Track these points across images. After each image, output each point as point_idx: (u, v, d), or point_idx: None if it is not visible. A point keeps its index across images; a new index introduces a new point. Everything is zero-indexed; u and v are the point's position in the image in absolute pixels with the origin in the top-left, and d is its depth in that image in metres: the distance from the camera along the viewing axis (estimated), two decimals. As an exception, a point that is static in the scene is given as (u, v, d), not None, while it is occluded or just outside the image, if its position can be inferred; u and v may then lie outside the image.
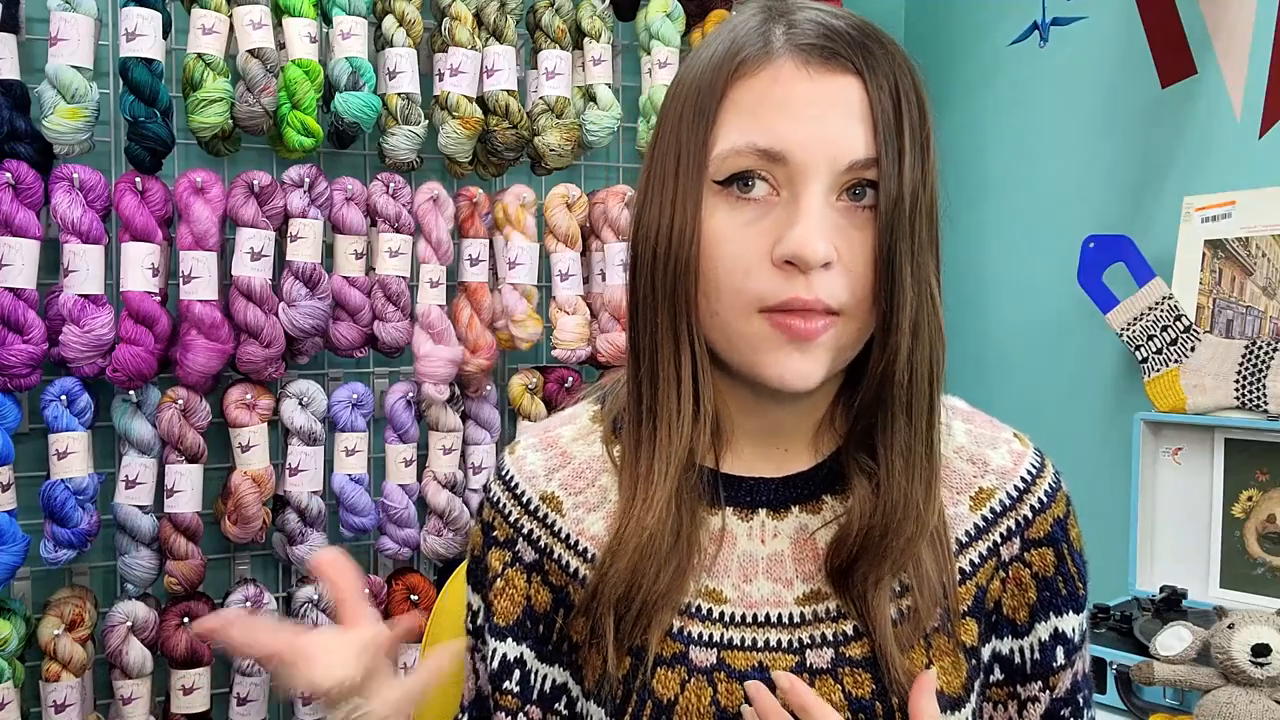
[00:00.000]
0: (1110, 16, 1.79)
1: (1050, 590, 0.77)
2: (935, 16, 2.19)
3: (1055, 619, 0.77)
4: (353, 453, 1.72)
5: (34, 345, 1.49)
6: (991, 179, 2.06)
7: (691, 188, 0.69)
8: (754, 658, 0.74)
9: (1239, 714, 1.15)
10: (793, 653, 0.74)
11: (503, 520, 0.81)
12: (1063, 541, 0.78)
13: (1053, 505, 0.78)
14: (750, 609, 0.75)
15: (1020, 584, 0.77)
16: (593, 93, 1.83)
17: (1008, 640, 0.78)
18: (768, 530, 0.76)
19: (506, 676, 0.79)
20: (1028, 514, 0.77)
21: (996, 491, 0.77)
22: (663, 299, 0.70)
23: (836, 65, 0.67)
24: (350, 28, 1.65)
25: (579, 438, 0.82)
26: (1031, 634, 0.77)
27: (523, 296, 1.80)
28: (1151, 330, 1.62)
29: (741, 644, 0.75)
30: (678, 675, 0.74)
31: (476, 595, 0.82)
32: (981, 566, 0.76)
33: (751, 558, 0.76)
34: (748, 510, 0.77)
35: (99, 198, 1.55)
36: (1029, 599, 0.77)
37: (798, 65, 0.67)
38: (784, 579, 0.75)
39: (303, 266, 1.65)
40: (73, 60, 1.49)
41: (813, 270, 0.66)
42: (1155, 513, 1.62)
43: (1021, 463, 0.79)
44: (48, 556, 1.52)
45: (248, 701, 1.68)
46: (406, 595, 1.76)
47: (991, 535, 0.76)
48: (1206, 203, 1.60)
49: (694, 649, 0.75)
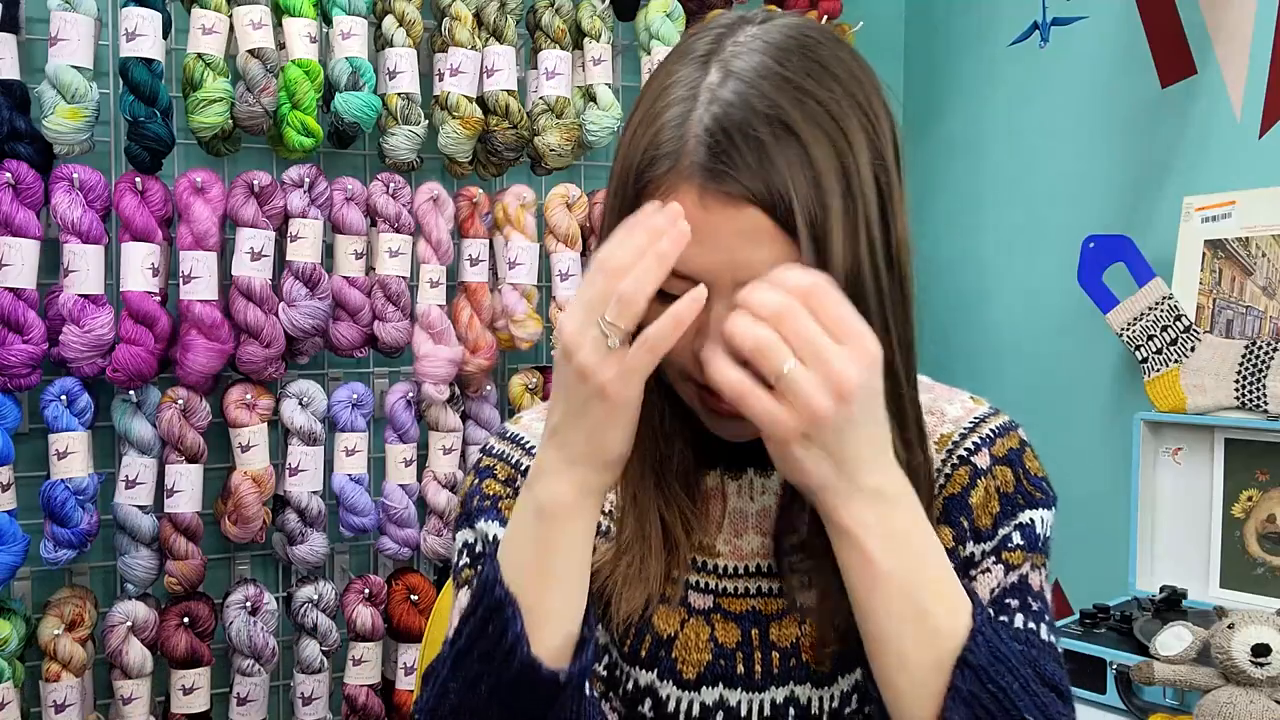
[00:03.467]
0: (1110, 16, 1.79)
1: (1010, 502, 0.79)
2: (935, 16, 2.19)
3: (1019, 516, 0.78)
4: (353, 453, 1.72)
5: (34, 345, 1.49)
6: (991, 179, 2.06)
7: None
8: (748, 603, 0.80)
9: (1239, 714, 1.15)
10: (783, 596, 0.79)
11: (503, 464, 0.85)
12: (1019, 465, 0.79)
13: (1006, 437, 0.80)
14: (742, 561, 0.81)
15: (986, 496, 0.79)
16: (593, 93, 1.83)
17: (970, 545, 0.78)
18: (755, 487, 0.81)
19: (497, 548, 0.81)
20: (988, 434, 0.80)
21: (954, 433, 0.81)
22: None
23: (735, 197, 0.65)
24: (350, 28, 1.65)
25: None
26: (995, 538, 0.78)
27: (523, 296, 1.80)
28: (1151, 330, 1.62)
29: (735, 592, 0.80)
30: (677, 615, 0.80)
31: (473, 530, 0.83)
32: (953, 475, 0.79)
33: (742, 514, 0.81)
34: (736, 470, 0.81)
35: (99, 198, 1.55)
36: (992, 509, 0.78)
37: (699, 195, 0.65)
38: (773, 531, 0.80)
39: (303, 266, 1.65)
40: (73, 60, 1.49)
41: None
42: (1155, 513, 1.62)
43: (976, 410, 0.82)
44: (48, 556, 1.52)
45: (248, 701, 1.68)
46: (406, 595, 1.76)
47: (956, 453, 0.79)
48: (1206, 203, 1.60)
49: (692, 594, 0.80)
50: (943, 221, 2.14)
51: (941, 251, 2.14)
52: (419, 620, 1.74)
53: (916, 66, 2.23)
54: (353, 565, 1.85)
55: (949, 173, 2.13)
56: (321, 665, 1.72)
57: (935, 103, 2.17)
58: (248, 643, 1.65)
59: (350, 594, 1.74)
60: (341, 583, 1.78)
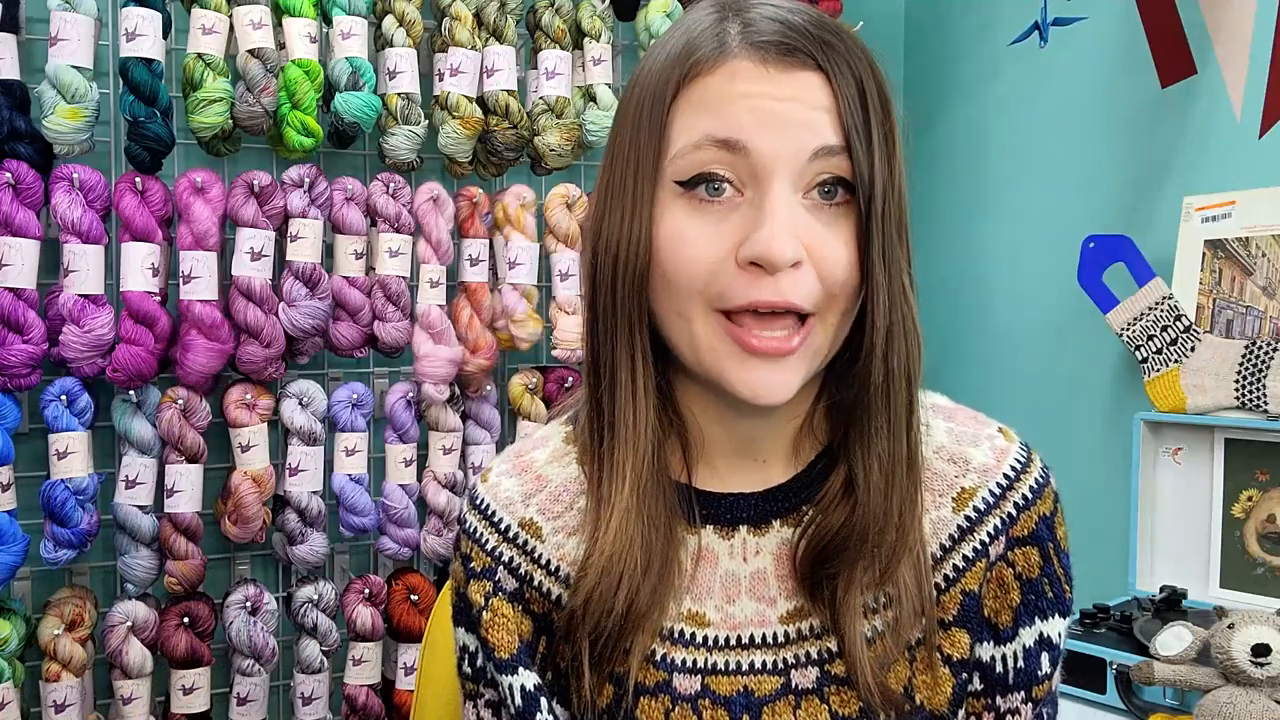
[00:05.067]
0: (1110, 16, 1.79)
1: (1035, 593, 0.73)
2: (935, 16, 2.19)
3: (1041, 623, 0.74)
4: (353, 453, 1.72)
5: (34, 345, 1.49)
6: (991, 179, 2.06)
7: (648, 191, 0.66)
8: (739, 682, 0.72)
9: (1239, 714, 1.15)
10: (778, 674, 0.72)
11: (480, 550, 0.77)
12: (1048, 540, 0.74)
13: (1038, 502, 0.74)
14: (734, 630, 0.73)
15: (1003, 584, 0.73)
16: (593, 93, 1.83)
17: (989, 646, 0.74)
18: (749, 548, 0.74)
19: (536, 707, 0.75)
20: (1012, 511, 0.73)
21: (979, 490, 0.73)
22: (622, 307, 0.68)
23: (796, 61, 0.65)
24: (350, 28, 1.65)
25: (553, 460, 0.78)
26: (1015, 640, 0.73)
27: (523, 296, 1.80)
28: (1151, 330, 1.62)
29: (726, 668, 0.73)
30: (661, 705, 0.72)
31: (469, 635, 0.79)
32: (968, 570, 0.73)
33: (734, 577, 0.73)
34: (728, 528, 0.74)
35: (99, 198, 1.55)
36: (1012, 601, 0.73)
37: (755, 63, 0.65)
38: (767, 597, 0.73)
39: (303, 266, 1.65)
40: (73, 60, 1.49)
41: (780, 272, 0.63)
42: (1155, 513, 1.62)
43: (1005, 459, 0.74)
44: (48, 556, 1.52)
45: (248, 701, 1.68)
46: (406, 595, 1.76)
47: (977, 535, 0.73)
48: (1206, 203, 1.60)
49: (677, 676, 0.72)
50: (942, 221, 2.14)
51: (941, 251, 2.14)
52: (419, 620, 1.74)
53: (916, 66, 2.23)
54: (353, 565, 1.85)
55: (949, 173, 2.13)
56: (321, 665, 1.72)
57: (935, 103, 2.17)
58: (248, 643, 1.65)
59: (350, 594, 1.74)
60: (341, 583, 1.78)
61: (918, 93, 2.21)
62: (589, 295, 0.71)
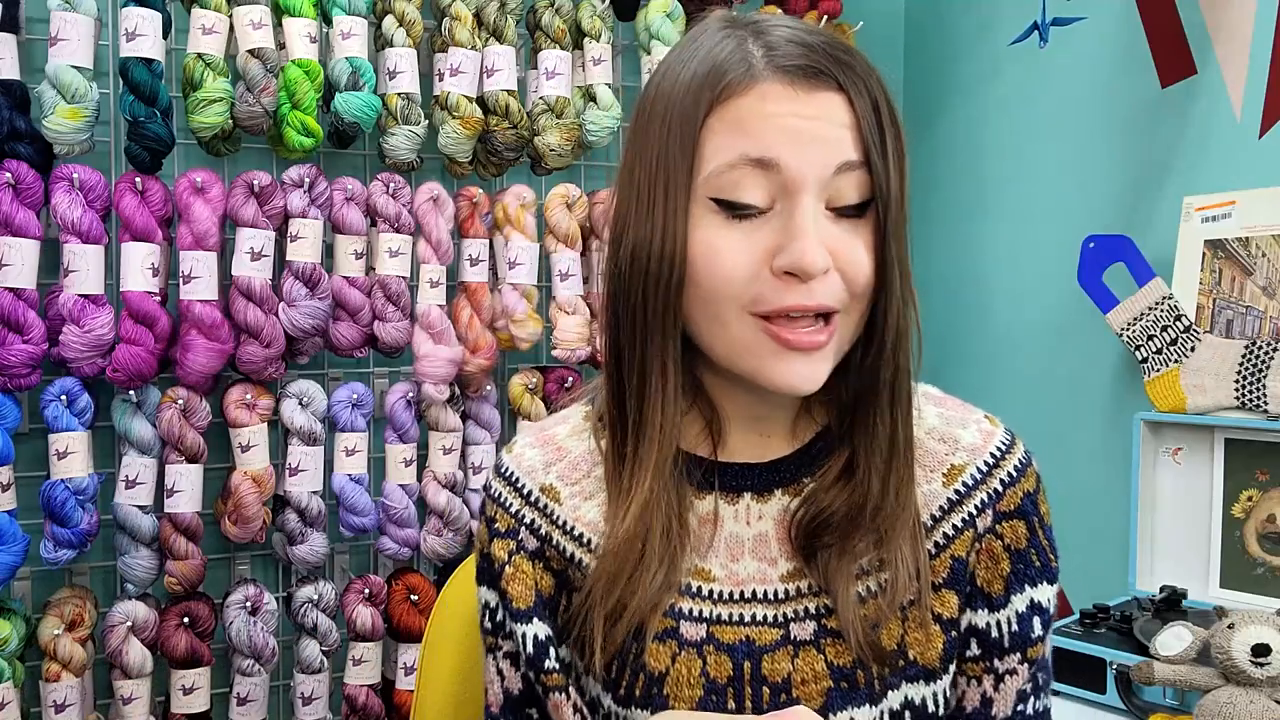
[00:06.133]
0: (1110, 16, 1.79)
1: (1024, 562, 0.80)
2: (935, 16, 2.19)
3: (1031, 590, 0.80)
4: (353, 453, 1.72)
5: (34, 345, 1.49)
6: (991, 179, 2.06)
7: (681, 205, 0.72)
8: (741, 632, 0.78)
9: (1239, 714, 1.15)
10: (777, 626, 0.78)
11: (504, 512, 0.84)
12: (1033, 515, 0.81)
13: (1022, 480, 0.81)
14: (737, 586, 0.79)
15: (993, 556, 0.80)
16: (593, 93, 1.83)
17: (983, 613, 0.80)
18: (753, 512, 0.80)
19: (545, 655, 0.81)
20: (998, 487, 0.80)
21: (968, 467, 0.80)
22: (655, 316, 0.74)
23: (820, 83, 0.71)
24: (350, 28, 1.65)
25: (573, 434, 0.86)
26: (1008, 606, 0.79)
27: (523, 296, 1.80)
28: (1151, 330, 1.62)
29: (729, 619, 0.79)
30: (669, 649, 0.78)
31: (491, 590, 0.84)
32: (957, 538, 0.79)
33: (738, 538, 0.80)
34: (734, 494, 0.81)
35: (99, 198, 1.55)
36: (1003, 571, 0.79)
37: (784, 85, 0.70)
38: (769, 558, 0.79)
39: (303, 266, 1.65)
40: (73, 60, 1.49)
41: (812, 279, 0.70)
42: (1155, 513, 1.62)
43: (991, 440, 0.81)
44: (48, 556, 1.52)
45: (248, 701, 1.68)
46: (406, 595, 1.76)
47: (965, 507, 0.79)
48: (1206, 203, 1.60)
49: (684, 624, 0.78)
50: (942, 221, 2.14)
51: (941, 251, 2.14)
52: (419, 620, 1.74)
53: (916, 66, 2.23)
54: (353, 565, 1.85)
55: (949, 173, 2.13)
56: (321, 665, 1.72)
57: (935, 103, 2.17)
58: (248, 643, 1.65)
59: (350, 594, 1.74)
60: (341, 583, 1.78)
61: (918, 93, 2.21)
62: (611, 303, 0.77)
